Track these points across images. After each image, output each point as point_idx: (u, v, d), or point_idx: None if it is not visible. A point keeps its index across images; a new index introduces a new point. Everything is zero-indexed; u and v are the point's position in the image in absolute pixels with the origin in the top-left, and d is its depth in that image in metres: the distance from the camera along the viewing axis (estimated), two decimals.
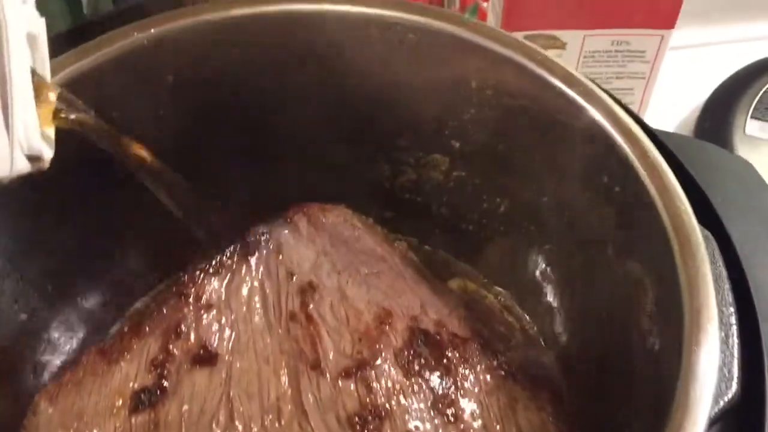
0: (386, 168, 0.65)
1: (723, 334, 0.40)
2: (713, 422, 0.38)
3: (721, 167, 0.51)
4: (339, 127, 0.61)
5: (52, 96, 0.39)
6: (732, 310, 0.42)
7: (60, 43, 0.50)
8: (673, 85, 0.86)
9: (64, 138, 0.42)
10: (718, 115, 0.90)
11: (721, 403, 0.38)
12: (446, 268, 0.64)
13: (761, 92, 0.88)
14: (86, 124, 0.41)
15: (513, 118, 0.54)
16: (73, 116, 0.40)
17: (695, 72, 0.94)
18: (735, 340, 0.41)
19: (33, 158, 0.38)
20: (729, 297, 0.42)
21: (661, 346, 0.43)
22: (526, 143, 0.55)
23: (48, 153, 0.39)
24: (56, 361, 0.55)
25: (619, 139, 0.47)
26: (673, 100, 0.90)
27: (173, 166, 0.58)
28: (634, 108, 0.83)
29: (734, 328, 0.41)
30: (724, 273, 0.43)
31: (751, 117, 0.86)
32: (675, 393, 0.38)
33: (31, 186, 0.41)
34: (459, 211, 0.65)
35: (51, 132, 0.39)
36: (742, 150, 0.85)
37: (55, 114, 0.40)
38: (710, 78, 0.92)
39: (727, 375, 0.39)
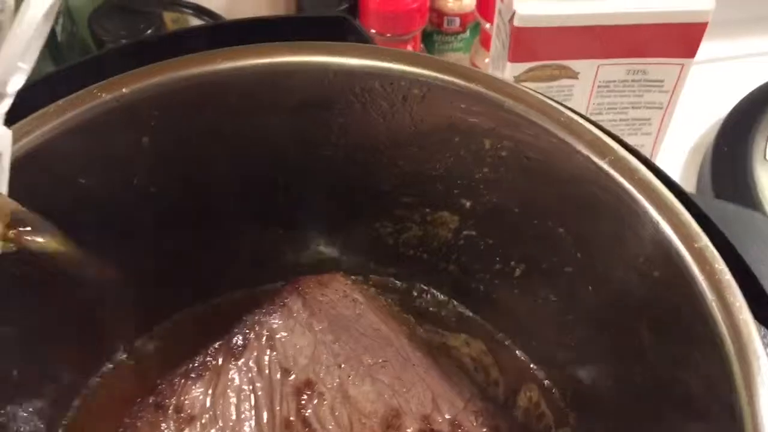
0: (389, 225, 0.59)
1: None
2: None
3: None
4: (338, 183, 0.56)
5: (5, 217, 0.34)
6: None
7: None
8: (689, 103, 0.81)
9: None
10: (736, 137, 0.85)
11: None
12: (456, 321, 0.59)
13: None
14: (46, 250, 0.35)
15: (532, 181, 0.49)
16: (29, 238, 0.34)
17: (712, 89, 0.88)
18: None
19: None
20: None
21: None
22: (546, 209, 0.49)
23: None
24: None
25: (656, 216, 0.41)
26: (688, 120, 0.84)
27: (149, 234, 0.53)
28: (650, 139, 0.78)
29: None
30: None
31: None
32: None
33: None
34: (470, 270, 0.59)
35: None
36: (763, 175, 0.80)
37: (4, 235, 0.34)
38: (728, 95, 0.87)
39: None
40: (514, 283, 0.56)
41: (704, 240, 0.39)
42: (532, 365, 0.56)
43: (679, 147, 0.86)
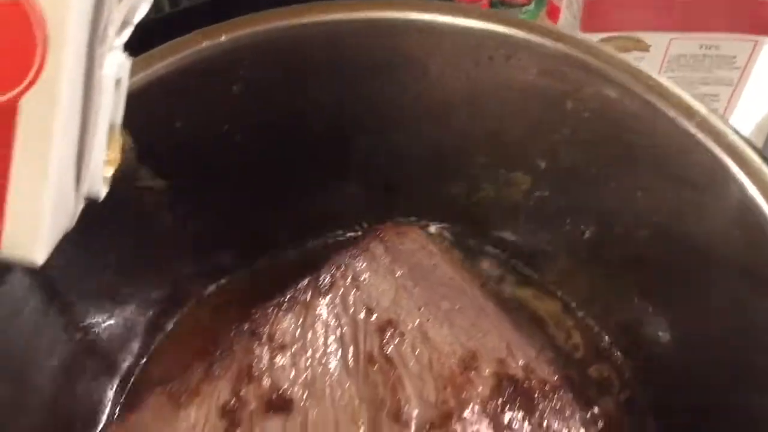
0: (463, 184, 0.60)
1: None
2: None
3: None
4: (416, 139, 0.57)
5: (120, 144, 0.38)
6: None
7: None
8: (759, 82, 0.80)
9: None
10: None
11: None
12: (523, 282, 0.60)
13: None
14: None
15: (612, 143, 0.50)
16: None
17: None
18: None
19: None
20: None
21: None
22: (626, 172, 0.50)
23: (103, 193, 0.38)
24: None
25: (743, 179, 0.42)
26: (757, 98, 0.83)
27: (232, 182, 0.55)
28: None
29: None
30: None
31: None
32: None
33: None
34: (538, 231, 0.60)
35: (109, 173, 0.38)
36: None
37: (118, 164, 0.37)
38: None
39: None
40: (583, 246, 0.58)
41: None
42: (596, 328, 0.57)
43: (746, 125, 0.85)
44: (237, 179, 0.54)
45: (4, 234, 0.33)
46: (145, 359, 0.52)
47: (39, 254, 0.34)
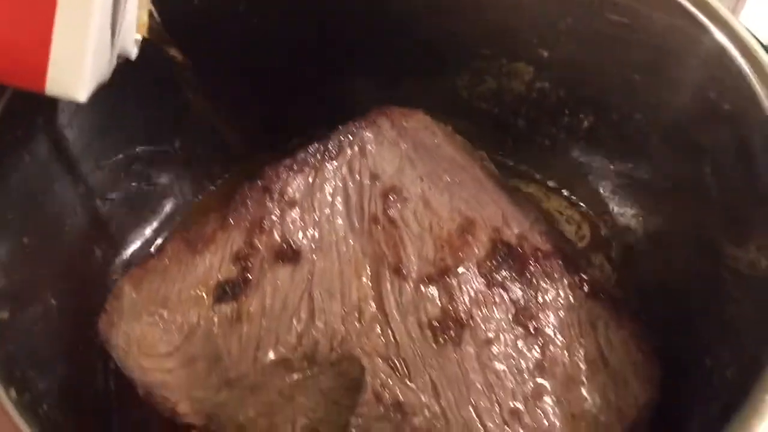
0: (466, 77, 0.62)
1: None
2: None
3: None
4: (420, 31, 0.59)
5: (148, 10, 0.42)
6: None
7: None
8: None
9: None
10: None
11: None
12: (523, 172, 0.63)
13: None
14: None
15: (614, 30, 0.51)
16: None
17: None
18: None
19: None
20: None
21: (757, 266, 0.41)
22: (625, 57, 0.52)
23: (134, 54, 0.42)
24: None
25: (733, 51, 0.44)
26: None
27: (247, 65, 0.57)
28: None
29: None
30: None
31: None
32: None
33: None
34: (537, 124, 0.62)
35: (139, 37, 0.42)
36: None
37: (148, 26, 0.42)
38: None
39: None
40: (581, 136, 0.60)
41: None
42: (590, 212, 0.60)
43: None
44: (251, 63, 0.56)
45: (49, 74, 0.36)
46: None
47: (82, 93, 0.37)
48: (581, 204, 0.62)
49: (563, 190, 0.63)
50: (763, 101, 0.42)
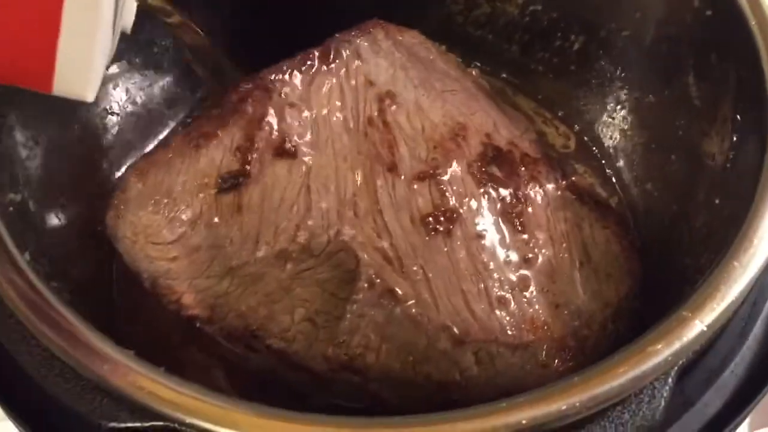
0: (460, 1, 0.64)
1: None
2: None
3: None
4: None
5: None
6: None
7: None
8: None
9: None
10: None
11: None
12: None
13: None
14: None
15: None
16: None
17: None
18: None
19: None
20: None
21: (739, 159, 0.43)
22: None
23: (130, 26, 0.43)
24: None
25: None
26: None
27: None
28: None
29: None
30: None
31: None
32: (753, 198, 0.38)
33: None
34: (531, 49, 0.64)
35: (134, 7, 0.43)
36: None
37: None
38: None
39: None
40: (573, 59, 0.62)
41: None
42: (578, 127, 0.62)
43: None
44: None
45: (56, 75, 0.36)
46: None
47: (90, 93, 0.37)
48: (576, 125, 0.64)
49: (555, 108, 0.64)
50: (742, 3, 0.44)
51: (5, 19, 0.34)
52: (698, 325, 0.34)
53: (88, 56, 0.36)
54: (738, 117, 0.44)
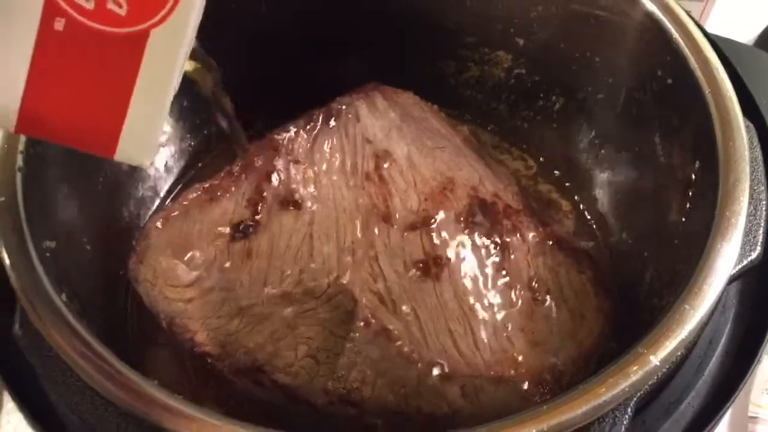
0: (452, 64, 0.70)
1: (752, 207, 0.46)
2: (737, 277, 0.44)
3: None
4: (408, 23, 0.66)
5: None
6: (763, 188, 0.47)
7: None
8: None
9: None
10: None
11: (745, 262, 0.44)
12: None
13: None
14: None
15: (577, 17, 0.59)
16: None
17: None
18: (763, 213, 0.46)
19: None
20: (762, 177, 0.47)
21: (696, 213, 0.48)
22: (587, 42, 0.60)
23: None
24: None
25: (675, 34, 0.52)
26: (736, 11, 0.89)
27: (257, 49, 0.64)
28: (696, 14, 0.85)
29: (763, 203, 0.47)
30: (760, 157, 0.48)
31: None
32: (705, 248, 0.43)
33: None
34: (516, 108, 0.70)
35: None
36: None
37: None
38: None
39: (752, 240, 0.45)
40: (554, 117, 0.67)
41: (711, 52, 0.50)
42: (567, 183, 0.67)
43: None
44: (261, 46, 0.64)
45: (120, 145, 0.36)
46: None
47: (148, 159, 0.37)
48: (556, 172, 0.69)
49: (540, 158, 0.70)
50: (696, 72, 0.50)
51: (79, 83, 0.35)
52: (652, 360, 0.39)
53: (155, 123, 0.36)
54: (693, 176, 0.50)
